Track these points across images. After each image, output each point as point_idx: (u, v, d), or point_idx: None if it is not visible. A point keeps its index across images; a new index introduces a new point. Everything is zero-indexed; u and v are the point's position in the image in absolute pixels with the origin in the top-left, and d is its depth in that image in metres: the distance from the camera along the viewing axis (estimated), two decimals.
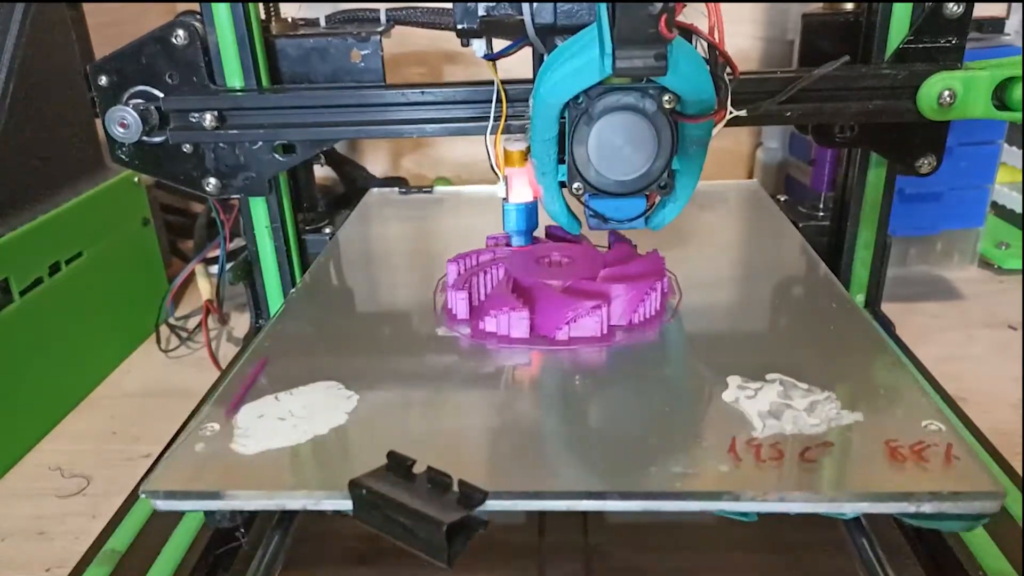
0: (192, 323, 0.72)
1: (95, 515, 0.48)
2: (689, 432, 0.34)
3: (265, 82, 0.52)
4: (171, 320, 0.71)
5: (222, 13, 0.50)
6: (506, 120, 0.48)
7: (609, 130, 0.41)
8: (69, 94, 0.62)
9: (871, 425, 0.34)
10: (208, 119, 0.50)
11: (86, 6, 0.65)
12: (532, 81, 0.43)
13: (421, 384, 0.40)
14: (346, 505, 0.31)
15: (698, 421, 0.35)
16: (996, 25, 0.66)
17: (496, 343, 0.43)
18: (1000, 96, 0.45)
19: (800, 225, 0.59)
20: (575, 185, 0.43)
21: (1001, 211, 0.81)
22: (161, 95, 0.51)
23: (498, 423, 0.37)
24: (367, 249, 0.60)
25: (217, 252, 0.61)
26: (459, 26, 0.44)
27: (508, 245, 0.49)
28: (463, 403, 0.38)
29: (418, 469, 0.31)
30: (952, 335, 0.65)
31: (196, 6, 0.50)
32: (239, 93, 0.51)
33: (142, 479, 0.44)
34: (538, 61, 0.45)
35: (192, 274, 0.69)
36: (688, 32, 0.40)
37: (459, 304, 0.45)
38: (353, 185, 0.87)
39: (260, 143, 0.51)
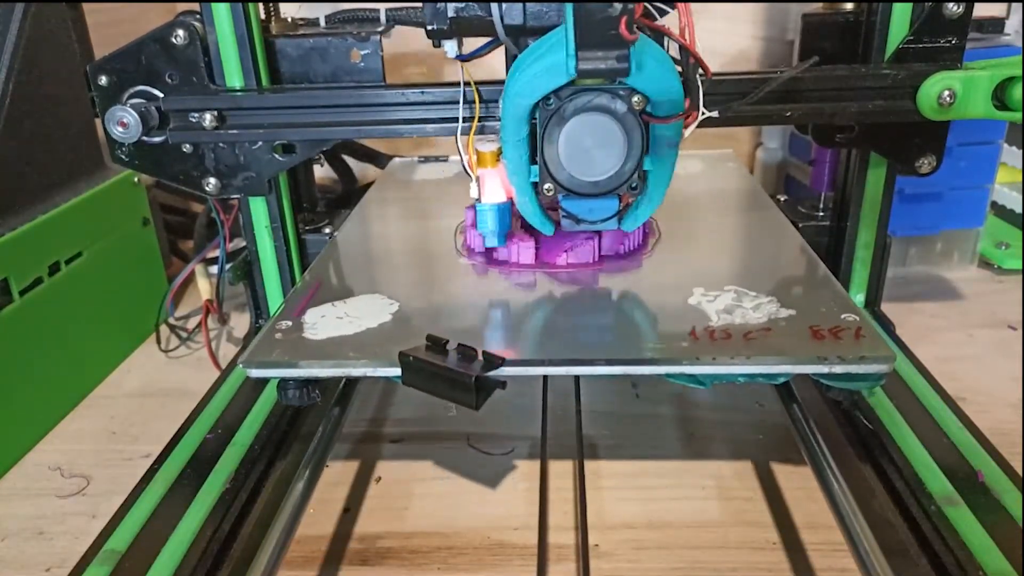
0: (192, 323, 0.72)
1: (95, 515, 0.48)
2: (660, 323, 0.44)
3: (265, 82, 0.52)
4: (171, 320, 0.71)
5: (222, 13, 0.50)
6: (481, 121, 0.48)
7: (579, 131, 0.42)
8: (69, 94, 0.62)
9: (801, 317, 0.42)
10: (208, 119, 0.49)
11: (86, 6, 0.65)
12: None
13: (449, 295, 0.48)
14: (395, 372, 0.40)
15: (668, 316, 0.44)
16: (996, 25, 0.66)
17: (507, 268, 0.51)
18: (1000, 96, 0.45)
19: (800, 225, 0.59)
20: (546, 186, 0.44)
21: (1001, 211, 0.81)
22: (161, 95, 0.51)
23: (512, 318, 0.45)
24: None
25: (217, 252, 0.61)
26: (429, 27, 0.45)
27: None
28: (483, 305, 0.47)
29: (450, 347, 0.40)
30: (952, 335, 0.65)
31: (196, 6, 0.50)
32: (239, 93, 0.51)
33: (142, 478, 0.44)
34: (511, 61, 0.45)
35: (192, 274, 0.69)
36: (660, 33, 0.40)
37: (476, 240, 0.53)
38: (353, 184, 0.87)
39: (260, 143, 0.51)
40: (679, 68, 0.41)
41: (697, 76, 0.41)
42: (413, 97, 0.49)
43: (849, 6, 0.53)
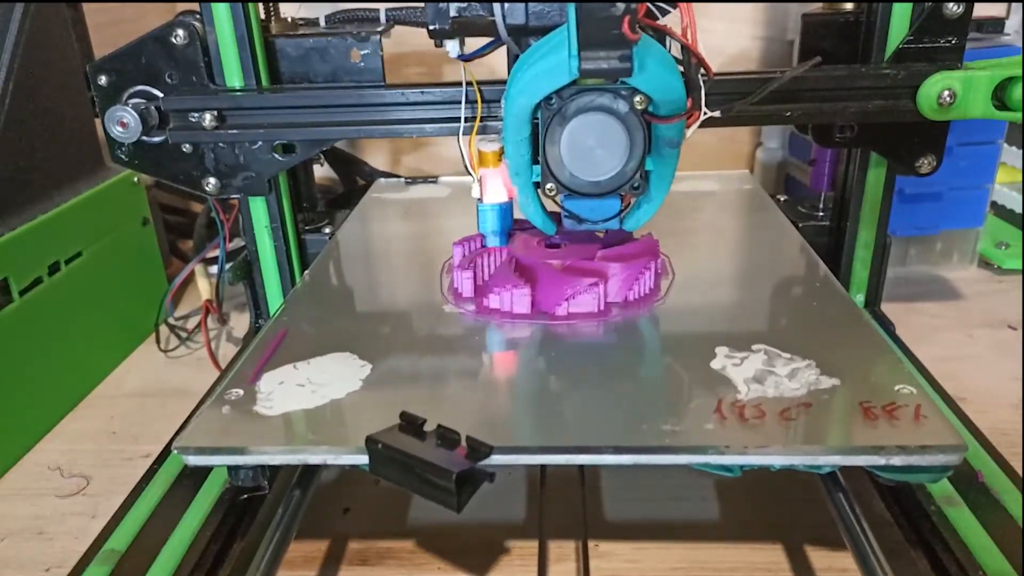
0: (192, 323, 0.72)
1: (95, 515, 0.48)
2: (678, 395, 0.37)
3: (265, 82, 0.52)
4: (171, 320, 0.71)
5: (222, 13, 0.50)
6: (483, 120, 0.48)
7: (581, 131, 0.42)
8: (69, 94, 0.62)
9: (848, 389, 0.36)
10: (208, 119, 0.49)
11: (86, 6, 0.65)
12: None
13: (430, 354, 0.42)
14: (363, 460, 0.34)
15: (687, 386, 0.38)
16: (996, 25, 0.66)
17: (499, 319, 0.45)
18: (1000, 96, 0.45)
19: (800, 225, 0.59)
20: (548, 186, 0.43)
21: (1001, 211, 0.81)
22: (161, 95, 0.51)
23: (502, 387, 0.40)
24: (373, 239, 0.61)
25: (217, 252, 0.61)
26: (431, 27, 0.44)
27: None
28: (470, 370, 0.41)
29: (429, 427, 0.34)
30: (952, 335, 0.65)
31: (196, 6, 0.50)
32: (239, 93, 0.51)
33: (142, 478, 0.44)
34: (512, 61, 0.46)
35: (192, 274, 0.69)
36: (662, 33, 0.40)
37: (464, 283, 0.48)
38: (353, 184, 0.87)
39: (260, 143, 0.51)
40: (681, 68, 0.41)
41: (699, 76, 0.41)
42: (413, 97, 0.49)
43: (849, 6, 0.53)
